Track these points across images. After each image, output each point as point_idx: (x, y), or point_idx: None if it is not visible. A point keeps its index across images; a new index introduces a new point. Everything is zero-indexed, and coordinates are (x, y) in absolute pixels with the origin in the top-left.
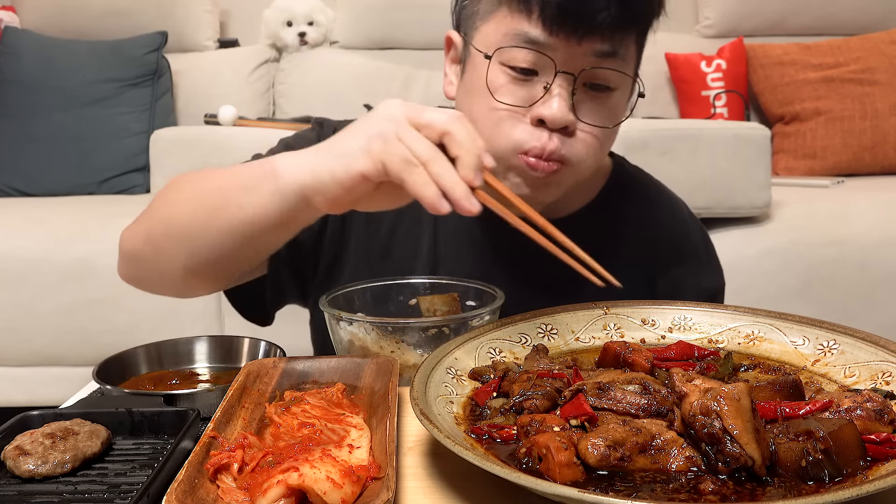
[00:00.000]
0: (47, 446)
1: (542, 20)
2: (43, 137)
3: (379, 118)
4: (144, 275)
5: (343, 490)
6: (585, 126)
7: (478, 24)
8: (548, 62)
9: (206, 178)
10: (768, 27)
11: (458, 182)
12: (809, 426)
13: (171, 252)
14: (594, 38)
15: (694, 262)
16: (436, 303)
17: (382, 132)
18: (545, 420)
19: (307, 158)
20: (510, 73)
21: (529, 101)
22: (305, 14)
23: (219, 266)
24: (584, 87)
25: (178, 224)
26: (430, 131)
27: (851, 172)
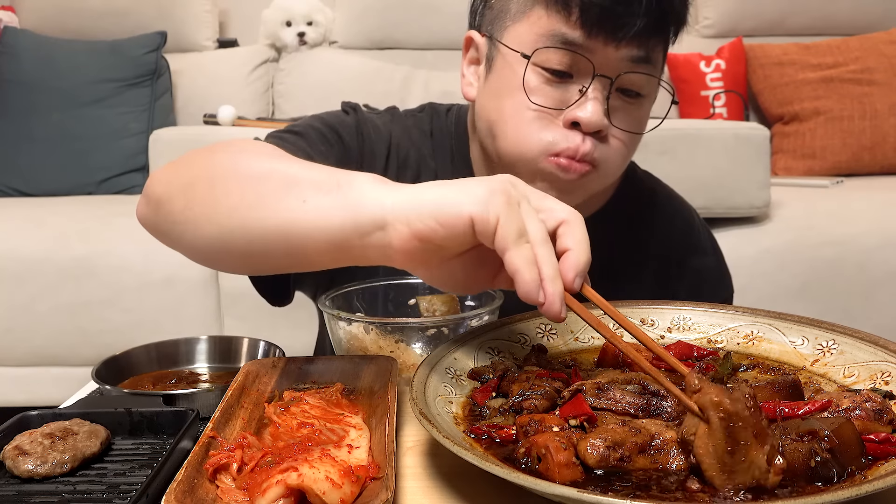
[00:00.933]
0: (46, 446)
1: (582, 22)
2: (42, 137)
3: (501, 180)
4: (166, 223)
5: (342, 490)
6: (616, 132)
7: (508, 24)
8: (585, 65)
9: (276, 156)
10: (767, 27)
11: (557, 278)
12: (812, 426)
13: (205, 215)
14: (631, 42)
15: (704, 270)
16: (435, 303)
17: (507, 192)
18: (544, 420)
19: (406, 188)
20: (544, 75)
21: (564, 103)
22: (304, 14)
23: (247, 258)
24: (616, 93)
25: (225, 189)
26: (549, 216)
27: (850, 172)
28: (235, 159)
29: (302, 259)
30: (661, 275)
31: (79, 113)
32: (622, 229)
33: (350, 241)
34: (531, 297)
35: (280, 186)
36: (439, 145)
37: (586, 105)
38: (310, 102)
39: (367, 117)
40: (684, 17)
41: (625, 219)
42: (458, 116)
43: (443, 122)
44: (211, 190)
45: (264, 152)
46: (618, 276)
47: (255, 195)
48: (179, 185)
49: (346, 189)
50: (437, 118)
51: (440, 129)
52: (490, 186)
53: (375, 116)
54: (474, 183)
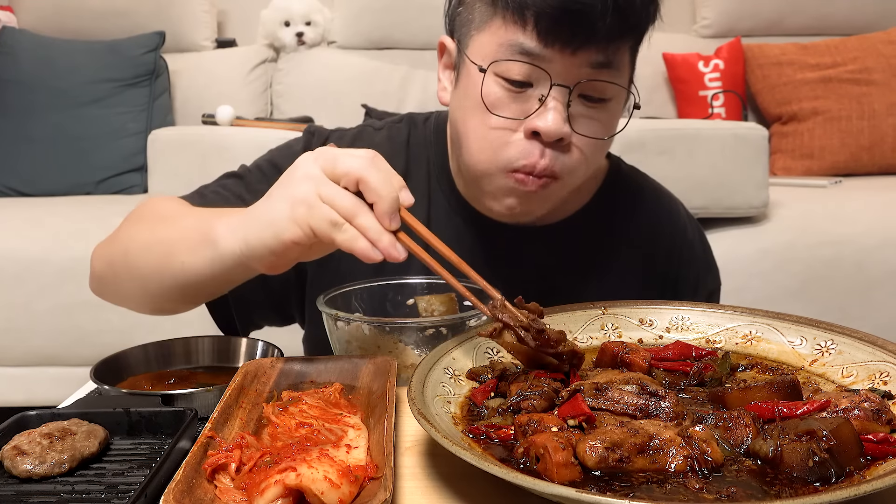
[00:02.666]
0: (45, 446)
1: (538, 31)
2: (40, 137)
3: (298, 179)
4: (108, 293)
5: (341, 490)
6: (579, 139)
7: (472, 33)
8: (543, 74)
9: (162, 222)
10: (766, 27)
11: (382, 232)
12: (810, 426)
13: (128, 283)
14: (590, 49)
15: (692, 263)
16: (433, 303)
17: (305, 197)
18: (543, 420)
19: (241, 226)
20: (504, 85)
21: (524, 113)
22: (303, 14)
23: (170, 303)
24: (579, 99)
25: (133, 263)
26: (348, 180)
27: (849, 172)
28: (140, 234)
29: (205, 297)
30: (648, 268)
31: (77, 113)
32: (607, 224)
33: (228, 279)
34: (372, 259)
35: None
36: (416, 155)
37: (546, 115)
38: (308, 102)
39: (326, 139)
40: (647, 17)
41: (610, 214)
42: (437, 124)
43: (420, 130)
44: (126, 266)
45: (155, 218)
46: (604, 271)
47: (152, 265)
48: (107, 261)
49: (210, 244)
50: (414, 127)
51: (417, 138)
52: (291, 199)
53: (338, 139)
54: (280, 199)
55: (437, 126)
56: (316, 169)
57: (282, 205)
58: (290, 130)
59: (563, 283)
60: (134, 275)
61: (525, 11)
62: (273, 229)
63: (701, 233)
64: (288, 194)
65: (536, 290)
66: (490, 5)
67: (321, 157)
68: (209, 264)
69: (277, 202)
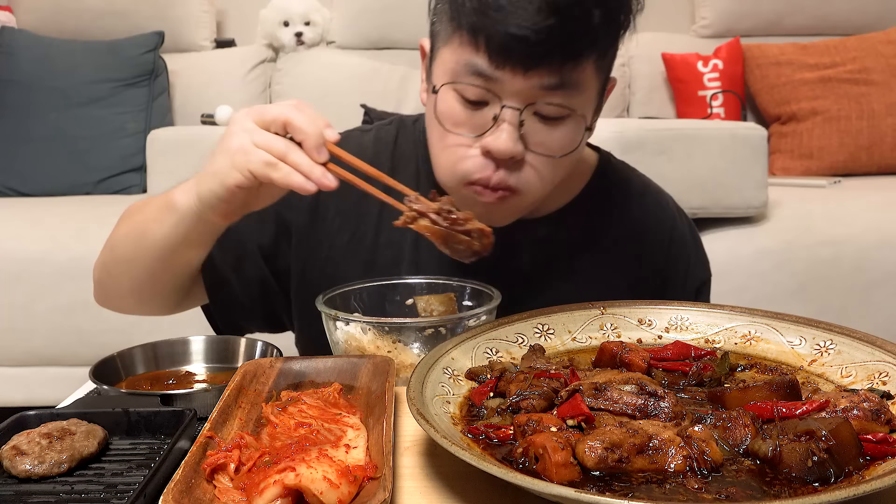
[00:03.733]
0: (44, 446)
1: (488, 53)
2: (39, 137)
3: (235, 132)
4: (108, 298)
5: (340, 490)
6: (533, 156)
7: (439, 45)
8: (495, 94)
9: (137, 211)
10: (765, 27)
11: (313, 165)
12: (809, 426)
13: (119, 277)
14: (541, 70)
15: (681, 255)
16: (432, 303)
17: (241, 145)
18: (542, 420)
19: (193, 185)
20: (462, 102)
21: (480, 129)
22: (302, 14)
23: (155, 286)
24: (533, 117)
25: (119, 254)
26: (276, 125)
27: (848, 172)
28: (121, 229)
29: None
30: (636, 261)
31: (76, 113)
32: (595, 218)
33: (195, 237)
34: (308, 190)
35: (139, 235)
36: (404, 154)
37: (497, 134)
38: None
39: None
40: (609, 33)
41: (598, 207)
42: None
43: (409, 131)
44: (114, 261)
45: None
46: (592, 264)
47: (130, 248)
48: (101, 266)
49: (171, 209)
50: (403, 128)
51: (405, 139)
52: (229, 149)
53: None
54: (221, 152)
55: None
56: (248, 122)
57: (223, 157)
58: None
59: (551, 277)
60: (122, 267)
61: (477, 34)
62: (218, 178)
63: (691, 225)
64: (226, 147)
65: (525, 284)
66: (452, 22)
67: (252, 111)
68: (174, 227)
69: (219, 155)
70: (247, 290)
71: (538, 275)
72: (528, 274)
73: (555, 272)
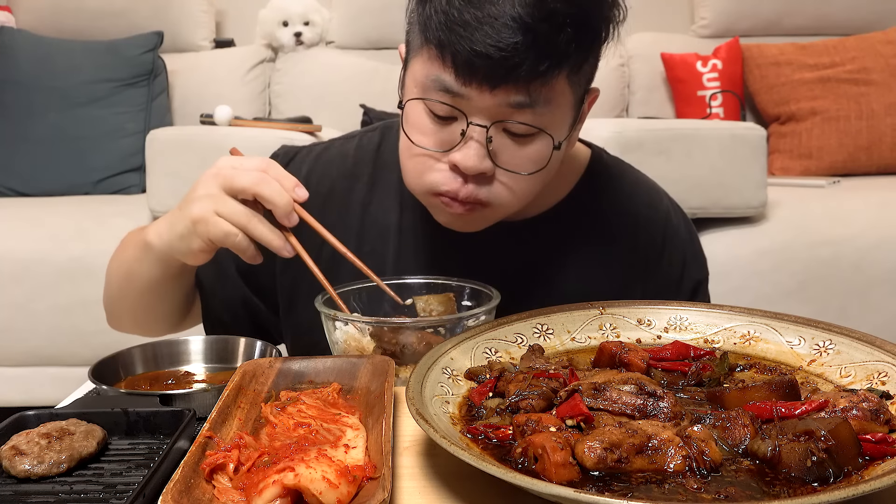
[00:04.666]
0: (43, 446)
1: (455, 70)
2: (39, 137)
3: (200, 198)
4: (116, 325)
5: (339, 490)
6: (502, 172)
7: (412, 55)
8: (463, 109)
9: (122, 249)
10: (764, 27)
11: (272, 237)
12: (809, 426)
13: (119, 308)
14: (508, 88)
15: (676, 252)
16: (431, 303)
17: (203, 215)
18: (541, 420)
19: (164, 232)
20: (430, 116)
21: (448, 144)
22: (301, 14)
23: (150, 314)
24: (502, 133)
25: (113, 289)
26: (245, 196)
27: (847, 172)
28: (111, 265)
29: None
30: (630, 258)
31: (75, 113)
32: (587, 216)
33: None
34: (256, 260)
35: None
36: (386, 161)
37: (465, 150)
38: (306, 102)
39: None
40: (576, 53)
41: (590, 205)
42: None
43: (393, 137)
44: (110, 295)
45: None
46: (585, 263)
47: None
48: (105, 298)
49: (148, 250)
50: (387, 135)
51: (390, 145)
52: (192, 219)
53: (305, 155)
54: (182, 221)
55: None
56: (214, 187)
57: (185, 222)
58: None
59: (543, 277)
60: (118, 300)
61: (444, 50)
62: (183, 241)
63: (687, 222)
64: (189, 213)
65: (517, 285)
66: (421, 34)
67: (220, 174)
68: (154, 267)
69: (181, 221)
70: (230, 309)
71: (531, 274)
72: (521, 273)
73: (548, 270)
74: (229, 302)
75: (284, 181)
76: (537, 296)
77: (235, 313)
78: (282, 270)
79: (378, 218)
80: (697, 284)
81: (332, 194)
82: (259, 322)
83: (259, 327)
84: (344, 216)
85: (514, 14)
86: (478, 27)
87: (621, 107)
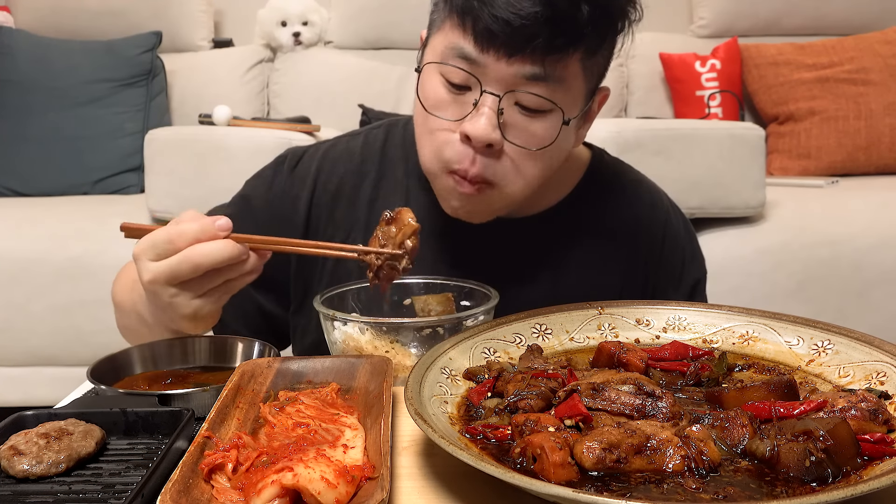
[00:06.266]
0: (42, 446)
1: (474, 37)
2: (37, 137)
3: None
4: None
5: (337, 490)
6: (512, 146)
7: (434, 33)
8: (477, 79)
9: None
10: (763, 27)
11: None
12: (807, 426)
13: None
14: (524, 59)
15: (675, 252)
16: (430, 302)
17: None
18: (540, 420)
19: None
20: (447, 86)
21: (460, 114)
22: (300, 14)
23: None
24: (514, 107)
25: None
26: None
27: (846, 172)
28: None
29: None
30: (629, 258)
31: (74, 113)
32: (587, 215)
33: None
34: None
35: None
36: (392, 157)
37: (476, 119)
38: (305, 102)
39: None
40: (598, 32)
41: (590, 205)
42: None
43: (398, 132)
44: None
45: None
46: (584, 262)
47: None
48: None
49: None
50: (392, 132)
51: (394, 141)
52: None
53: (312, 153)
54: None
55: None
56: (170, 290)
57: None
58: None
59: (544, 275)
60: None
61: (465, 16)
62: (198, 327)
63: (685, 222)
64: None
65: (517, 282)
66: (445, 7)
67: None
68: (159, 333)
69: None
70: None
71: (531, 272)
72: (522, 271)
73: (548, 269)
74: (244, 313)
75: (205, 234)
76: (537, 295)
77: (248, 322)
78: (296, 274)
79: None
80: (696, 284)
81: (341, 191)
82: (274, 327)
83: (274, 332)
84: (352, 212)
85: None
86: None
87: (620, 107)
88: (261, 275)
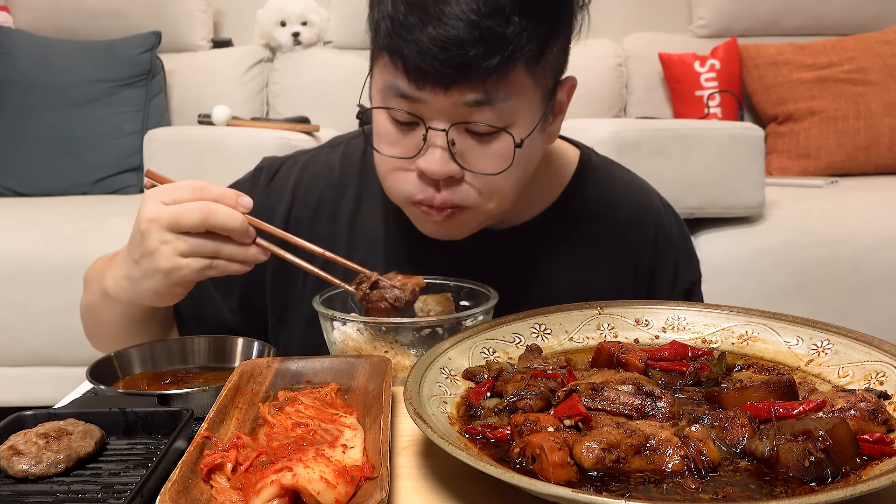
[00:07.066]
0: (41, 446)
1: (406, 74)
2: (37, 137)
3: (158, 251)
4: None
5: (337, 490)
6: (469, 174)
7: (373, 65)
8: (422, 114)
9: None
10: (762, 27)
11: (245, 250)
12: (807, 426)
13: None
14: (462, 88)
15: (668, 254)
16: (429, 303)
17: (171, 264)
18: (539, 420)
19: (128, 286)
20: (394, 123)
21: (413, 150)
22: (299, 14)
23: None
24: (465, 133)
25: (87, 328)
26: (199, 228)
27: (845, 172)
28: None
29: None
30: (622, 261)
31: (73, 113)
32: (577, 220)
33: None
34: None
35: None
36: (370, 170)
37: (427, 156)
38: (304, 102)
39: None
40: (530, 43)
41: (579, 209)
42: None
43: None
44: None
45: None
46: (576, 267)
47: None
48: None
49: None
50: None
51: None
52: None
53: (290, 166)
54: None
55: None
56: (164, 233)
57: (156, 276)
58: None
59: (536, 283)
60: (96, 337)
61: (394, 55)
62: (159, 294)
63: (680, 223)
64: (155, 266)
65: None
66: (373, 42)
67: (160, 218)
68: (121, 315)
69: (150, 276)
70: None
71: (522, 281)
72: (512, 280)
73: (539, 277)
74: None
75: (225, 199)
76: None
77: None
78: (273, 287)
79: (366, 228)
80: (691, 286)
81: (321, 206)
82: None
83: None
84: (333, 227)
85: (457, 11)
86: (422, 28)
87: (619, 107)
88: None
